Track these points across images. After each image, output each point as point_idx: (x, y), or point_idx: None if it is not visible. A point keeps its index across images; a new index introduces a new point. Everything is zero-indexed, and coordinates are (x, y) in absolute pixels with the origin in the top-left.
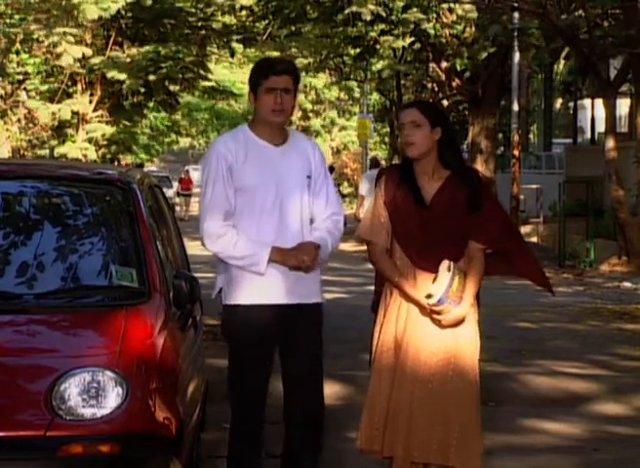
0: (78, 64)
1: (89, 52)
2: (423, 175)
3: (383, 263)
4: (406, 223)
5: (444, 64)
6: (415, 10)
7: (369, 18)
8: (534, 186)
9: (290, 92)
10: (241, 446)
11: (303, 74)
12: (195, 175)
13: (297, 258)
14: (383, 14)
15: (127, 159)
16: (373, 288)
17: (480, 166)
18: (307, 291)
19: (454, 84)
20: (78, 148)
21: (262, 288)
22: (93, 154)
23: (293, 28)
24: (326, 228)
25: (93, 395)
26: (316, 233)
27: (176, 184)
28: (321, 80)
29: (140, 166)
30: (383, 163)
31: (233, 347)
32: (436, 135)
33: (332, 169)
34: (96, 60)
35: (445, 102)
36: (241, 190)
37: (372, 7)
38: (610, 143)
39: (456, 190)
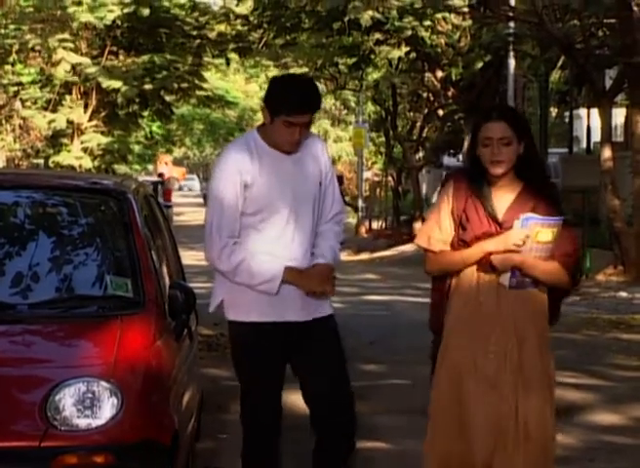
0: (73, 74)
1: (86, 61)
2: (496, 187)
3: (444, 257)
4: (476, 237)
5: (439, 74)
6: (410, 18)
7: (369, 24)
8: None
9: (309, 123)
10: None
11: None
12: (192, 184)
13: (314, 287)
14: (383, 19)
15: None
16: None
17: None
18: (317, 304)
19: (449, 93)
20: (73, 158)
21: (269, 304)
22: (88, 163)
23: (288, 38)
24: (333, 232)
25: (87, 405)
26: (326, 243)
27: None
28: None
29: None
30: (379, 172)
31: (242, 367)
32: (520, 149)
33: (340, 179)
34: (91, 70)
35: (440, 112)
36: (254, 208)
37: (370, 13)
38: (606, 153)
39: (532, 204)
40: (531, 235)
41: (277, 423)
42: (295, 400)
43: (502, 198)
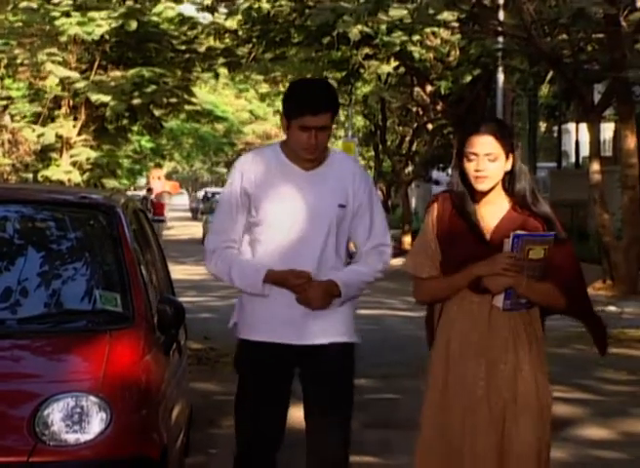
0: (62, 88)
1: (75, 75)
2: (482, 204)
3: (431, 283)
4: (464, 260)
5: (428, 88)
6: (399, 33)
7: (358, 38)
8: None
9: (326, 128)
10: None
11: None
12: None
13: (311, 299)
14: (372, 33)
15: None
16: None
17: None
18: (328, 329)
19: (438, 107)
20: (62, 172)
21: (274, 324)
22: (77, 178)
23: (277, 52)
24: (367, 260)
25: (76, 420)
26: (352, 266)
27: None
28: None
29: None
30: None
31: (241, 383)
32: (509, 164)
33: None
34: (80, 85)
35: (430, 126)
36: (254, 219)
37: (359, 27)
38: (594, 167)
39: (520, 221)
40: (522, 253)
41: (276, 439)
42: (291, 416)
43: (490, 215)
